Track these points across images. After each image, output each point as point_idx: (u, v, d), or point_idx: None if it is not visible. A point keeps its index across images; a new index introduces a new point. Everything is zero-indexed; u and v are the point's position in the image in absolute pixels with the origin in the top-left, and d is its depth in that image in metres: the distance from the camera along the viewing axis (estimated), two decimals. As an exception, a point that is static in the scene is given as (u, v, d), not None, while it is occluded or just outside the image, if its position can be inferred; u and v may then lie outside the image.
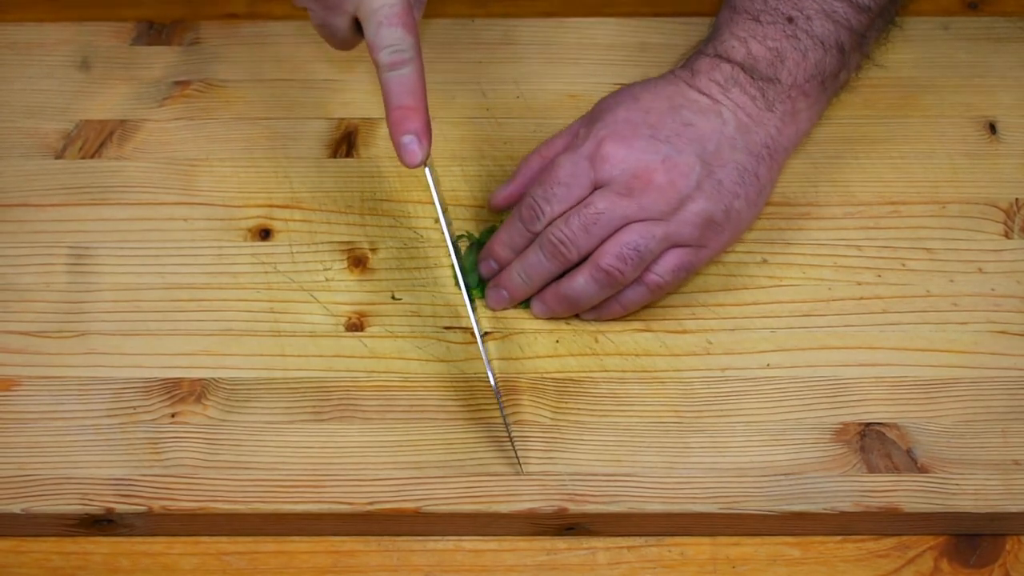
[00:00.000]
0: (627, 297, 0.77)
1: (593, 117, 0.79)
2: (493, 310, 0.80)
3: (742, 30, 0.79)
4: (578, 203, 0.76)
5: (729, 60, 0.78)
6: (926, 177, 0.86)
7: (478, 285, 0.81)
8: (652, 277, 0.76)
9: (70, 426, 0.75)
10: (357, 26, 0.75)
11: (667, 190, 0.75)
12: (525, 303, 0.80)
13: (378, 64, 0.73)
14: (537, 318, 0.79)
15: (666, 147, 0.75)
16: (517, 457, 0.73)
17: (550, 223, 0.76)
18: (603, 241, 0.75)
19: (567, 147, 0.79)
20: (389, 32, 0.72)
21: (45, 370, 0.78)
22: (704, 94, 0.78)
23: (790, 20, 0.78)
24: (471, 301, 0.76)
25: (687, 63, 0.80)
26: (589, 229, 0.75)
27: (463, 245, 0.83)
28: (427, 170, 0.75)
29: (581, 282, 0.76)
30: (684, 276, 0.77)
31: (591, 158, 0.76)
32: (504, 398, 0.76)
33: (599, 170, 0.75)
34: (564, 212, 0.76)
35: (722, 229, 0.77)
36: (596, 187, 0.76)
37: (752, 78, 0.77)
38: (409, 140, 0.73)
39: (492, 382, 0.74)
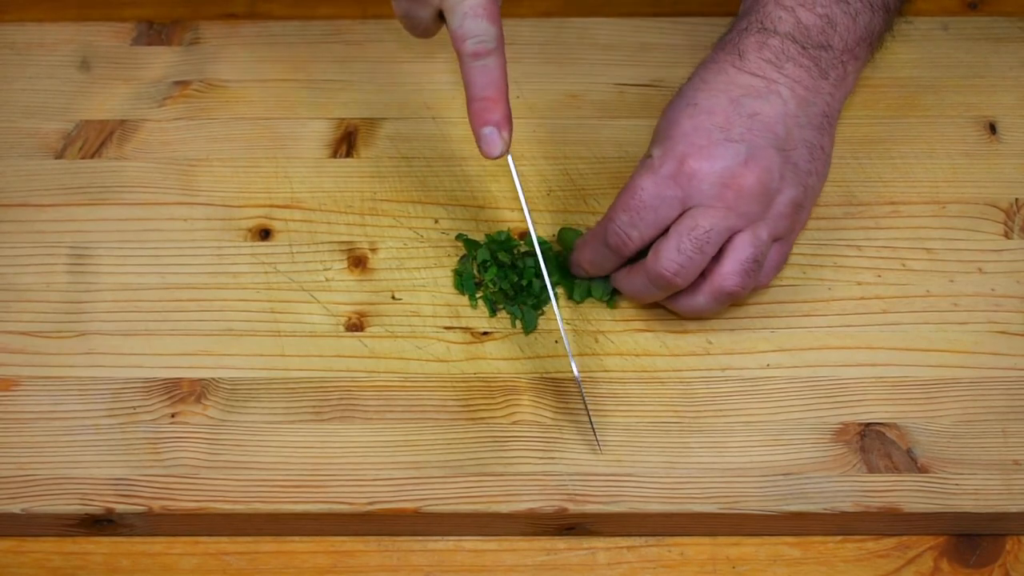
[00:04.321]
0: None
1: (659, 136, 0.77)
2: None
3: None
4: (671, 225, 0.75)
5: (776, 33, 0.77)
6: (926, 177, 0.86)
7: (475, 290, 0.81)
8: (762, 280, 0.77)
9: (70, 426, 0.76)
10: (440, 16, 0.76)
11: (757, 191, 0.74)
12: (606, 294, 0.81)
13: (461, 54, 0.73)
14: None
15: (743, 147, 0.74)
16: (598, 442, 0.74)
17: (648, 251, 0.75)
18: (713, 259, 0.75)
19: (643, 171, 0.76)
20: (475, 23, 0.73)
21: (45, 370, 0.78)
22: (758, 76, 0.76)
23: None
24: (561, 298, 0.77)
25: (730, 44, 0.78)
26: (703, 249, 0.74)
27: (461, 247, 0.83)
28: (510, 161, 0.75)
29: (702, 301, 0.76)
30: (784, 266, 0.79)
31: (675, 177, 0.74)
32: (504, 398, 0.76)
33: (687, 188, 0.74)
34: (653, 236, 0.75)
35: (804, 209, 0.77)
36: (685, 206, 0.74)
37: (804, 48, 0.76)
38: (490, 131, 0.73)
39: (576, 373, 0.74)
